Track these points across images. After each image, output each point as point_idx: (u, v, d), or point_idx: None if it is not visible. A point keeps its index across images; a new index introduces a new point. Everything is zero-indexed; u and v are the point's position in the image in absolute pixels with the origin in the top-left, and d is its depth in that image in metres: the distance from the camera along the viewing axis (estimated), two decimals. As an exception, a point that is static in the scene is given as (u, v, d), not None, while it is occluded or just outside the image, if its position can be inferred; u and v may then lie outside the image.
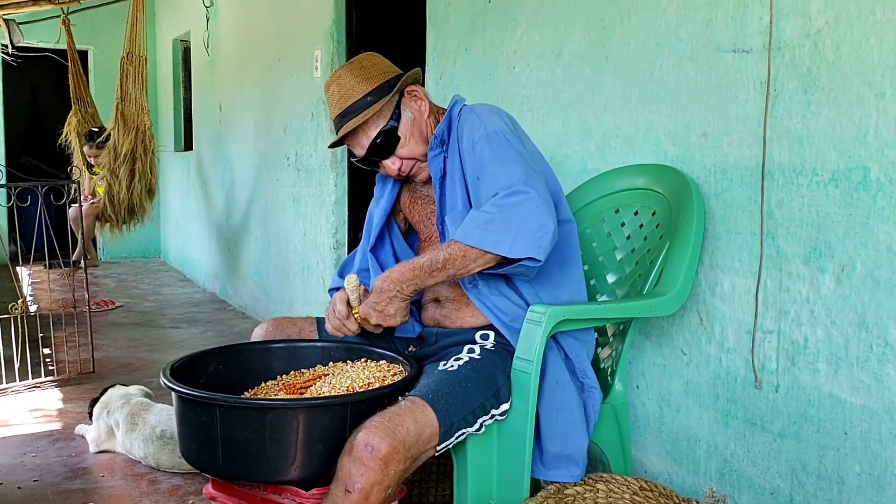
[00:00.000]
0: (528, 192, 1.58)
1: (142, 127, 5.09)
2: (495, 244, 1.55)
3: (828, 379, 1.68)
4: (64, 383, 3.63)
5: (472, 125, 1.74)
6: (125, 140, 5.02)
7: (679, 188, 1.94)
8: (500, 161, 1.66)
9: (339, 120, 1.79)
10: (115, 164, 5.06)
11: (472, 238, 1.57)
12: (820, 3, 1.67)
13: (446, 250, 1.60)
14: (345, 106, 1.77)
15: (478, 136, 1.71)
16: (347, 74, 1.79)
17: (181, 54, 7.49)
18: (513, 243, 1.54)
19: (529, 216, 1.55)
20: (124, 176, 5.07)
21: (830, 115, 1.66)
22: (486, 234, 1.55)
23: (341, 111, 1.78)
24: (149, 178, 5.34)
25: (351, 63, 1.83)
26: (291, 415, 1.45)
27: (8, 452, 2.77)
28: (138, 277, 7.11)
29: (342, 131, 1.78)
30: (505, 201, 1.57)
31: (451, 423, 1.51)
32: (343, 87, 1.78)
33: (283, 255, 4.78)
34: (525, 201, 1.56)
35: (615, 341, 2.00)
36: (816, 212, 1.69)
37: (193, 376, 1.72)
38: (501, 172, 1.64)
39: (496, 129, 1.71)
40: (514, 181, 1.60)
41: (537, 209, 1.56)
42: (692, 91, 1.99)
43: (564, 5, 2.40)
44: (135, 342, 4.57)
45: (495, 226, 1.55)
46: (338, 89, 1.78)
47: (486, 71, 2.79)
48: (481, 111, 1.78)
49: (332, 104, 1.80)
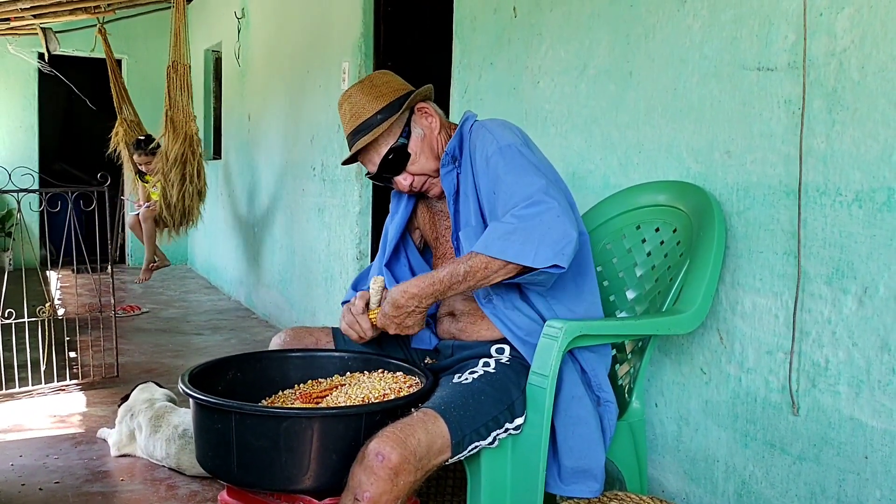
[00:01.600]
0: (549, 201, 1.58)
1: (189, 133, 5.21)
2: (518, 254, 1.55)
3: (849, 402, 1.66)
4: (88, 387, 3.68)
5: (485, 140, 1.75)
6: (175, 146, 5.15)
7: (701, 205, 1.93)
8: (517, 173, 1.66)
9: (351, 138, 1.82)
10: (167, 168, 5.18)
11: (493, 249, 1.57)
12: (846, 22, 1.66)
13: (467, 262, 1.60)
14: (356, 124, 1.79)
15: (491, 150, 1.72)
16: (359, 93, 1.82)
17: (212, 64, 7.60)
18: (536, 253, 1.54)
19: (551, 226, 1.55)
20: (176, 180, 5.21)
21: (855, 134, 1.64)
22: (509, 245, 1.55)
23: (353, 129, 1.80)
24: (197, 182, 5.46)
25: (362, 81, 1.85)
26: (306, 424, 1.46)
27: (32, 454, 2.82)
28: (165, 284, 7.20)
29: (353, 149, 1.81)
30: (525, 212, 1.57)
31: (464, 436, 1.51)
32: (354, 106, 1.80)
33: (306, 265, 4.82)
34: (546, 211, 1.57)
35: (633, 358, 1.99)
36: (839, 232, 1.68)
37: (212, 383, 1.74)
38: (519, 184, 1.64)
39: (509, 143, 1.72)
40: (534, 191, 1.60)
41: (559, 218, 1.56)
42: (716, 108, 1.98)
43: (589, 21, 2.40)
44: (159, 348, 4.62)
45: (517, 236, 1.55)
46: (349, 107, 1.81)
47: (510, 85, 2.80)
48: (492, 126, 1.78)
49: (345, 122, 1.83)
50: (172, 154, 5.17)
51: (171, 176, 5.19)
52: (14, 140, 7.79)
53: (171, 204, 5.28)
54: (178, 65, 5.10)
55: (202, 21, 7.66)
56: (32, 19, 6.65)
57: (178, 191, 5.23)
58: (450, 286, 1.63)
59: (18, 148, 7.79)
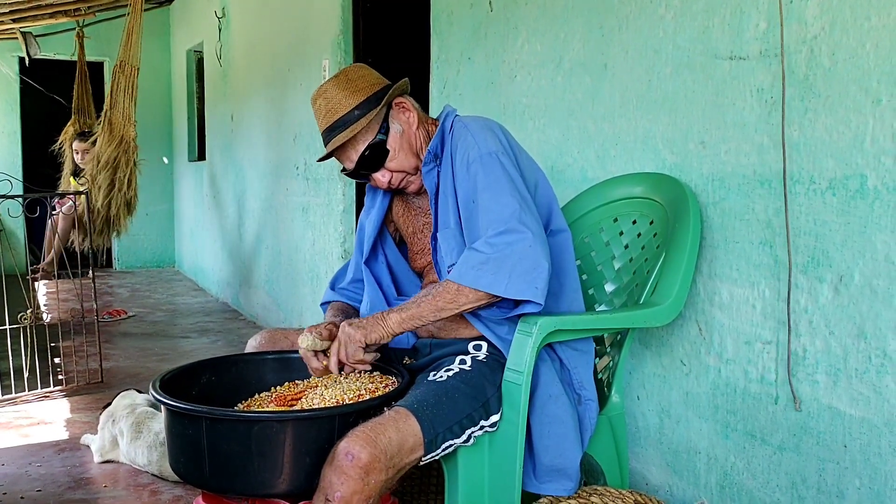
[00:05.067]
0: (522, 230, 1.58)
1: (126, 137, 5.09)
2: (490, 284, 1.57)
3: (827, 390, 1.65)
4: (72, 393, 3.65)
5: (466, 143, 1.73)
6: (108, 148, 5.02)
7: (676, 197, 1.92)
8: (494, 190, 1.65)
9: (326, 134, 1.77)
10: (96, 171, 5.07)
11: (466, 279, 1.59)
12: (815, 8, 1.65)
13: (443, 297, 1.62)
14: (332, 120, 1.75)
15: (473, 156, 1.70)
16: (333, 88, 1.77)
17: (195, 65, 7.55)
18: (508, 283, 1.56)
19: (523, 256, 1.57)
20: (105, 184, 5.05)
21: (827, 122, 1.63)
22: (481, 275, 1.57)
23: (329, 126, 1.76)
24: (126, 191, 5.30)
25: (337, 76, 1.81)
26: (278, 427, 1.44)
27: (14, 462, 2.79)
28: (152, 287, 7.16)
29: (330, 146, 1.77)
30: (498, 240, 1.58)
31: (436, 434, 1.50)
32: (330, 102, 1.76)
33: (292, 265, 4.79)
34: (519, 241, 1.57)
35: (612, 351, 1.98)
36: (814, 220, 1.67)
37: (186, 388, 1.72)
38: (495, 204, 1.63)
39: (490, 151, 1.69)
40: (508, 216, 1.60)
41: (531, 249, 1.57)
42: (690, 99, 1.97)
43: (564, 13, 2.39)
44: (145, 352, 4.59)
45: (489, 266, 1.57)
46: (324, 103, 1.77)
47: (488, 80, 2.79)
48: (474, 127, 1.75)
49: (320, 118, 1.79)
50: (104, 156, 5.03)
51: (99, 179, 5.05)
52: (-5, 145, 7.74)
53: (94, 209, 5.13)
54: (126, 65, 5.00)
55: (184, 22, 7.62)
56: (12, 23, 6.59)
57: (105, 196, 5.08)
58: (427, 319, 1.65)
59: (1, 153, 7.73)
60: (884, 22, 1.52)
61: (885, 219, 1.53)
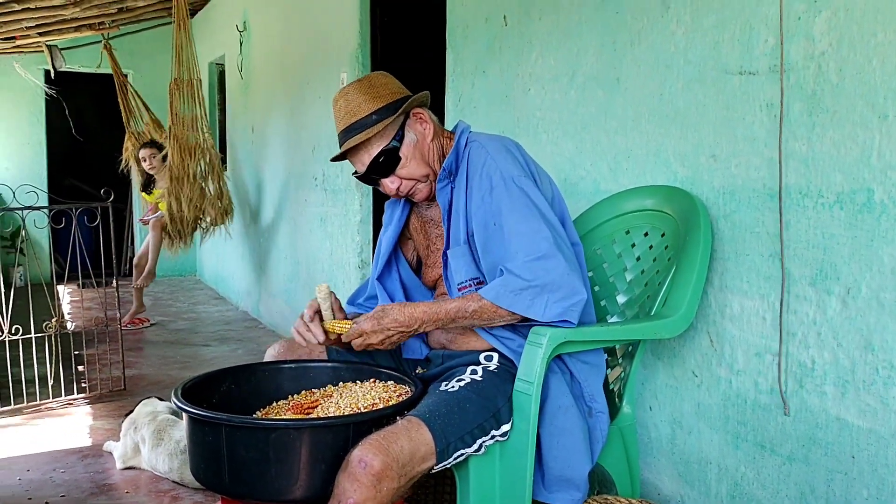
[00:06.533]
0: (557, 257, 1.64)
1: (203, 146, 5.21)
2: (528, 308, 1.64)
3: (835, 402, 1.67)
4: (95, 400, 3.72)
5: (486, 165, 1.76)
6: (179, 162, 5.15)
7: (687, 209, 1.94)
8: (523, 215, 1.69)
9: (343, 135, 1.81)
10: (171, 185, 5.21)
11: (504, 301, 1.64)
12: (823, 25, 1.68)
13: (477, 303, 1.67)
14: (350, 122, 1.79)
15: (496, 181, 1.73)
16: (355, 91, 1.81)
17: (217, 77, 7.66)
18: (546, 309, 1.63)
19: (561, 283, 1.63)
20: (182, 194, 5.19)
21: (835, 137, 1.66)
22: (520, 299, 1.64)
23: (346, 126, 1.80)
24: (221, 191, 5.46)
25: (360, 80, 1.85)
26: (294, 434, 1.48)
27: (39, 468, 2.86)
28: (174, 296, 7.26)
29: (345, 146, 1.81)
30: (536, 266, 1.63)
31: (448, 443, 1.53)
32: (350, 104, 1.80)
33: (311, 274, 4.85)
34: (555, 268, 1.63)
35: (624, 363, 2.01)
36: (822, 234, 1.69)
37: (207, 395, 1.77)
38: (526, 229, 1.68)
39: (512, 175, 1.73)
40: (541, 241, 1.66)
41: (568, 276, 1.64)
42: (701, 113, 1.99)
43: (577, 28, 2.42)
44: (166, 360, 4.66)
45: (529, 292, 1.63)
46: (345, 104, 1.81)
47: (502, 93, 2.83)
48: (491, 147, 1.78)
49: (338, 119, 1.82)
50: (176, 170, 5.18)
51: (175, 191, 5.20)
52: (22, 157, 7.89)
53: (176, 217, 5.28)
54: (182, 81, 5.11)
55: (206, 35, 7.72)
56: (38, 37, 6.74)
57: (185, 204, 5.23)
58: (454, 318, 1.70)
59: (26, 164, 7.89)
60: (890, 38, 1.54)
61: (891, 232, 1.54)
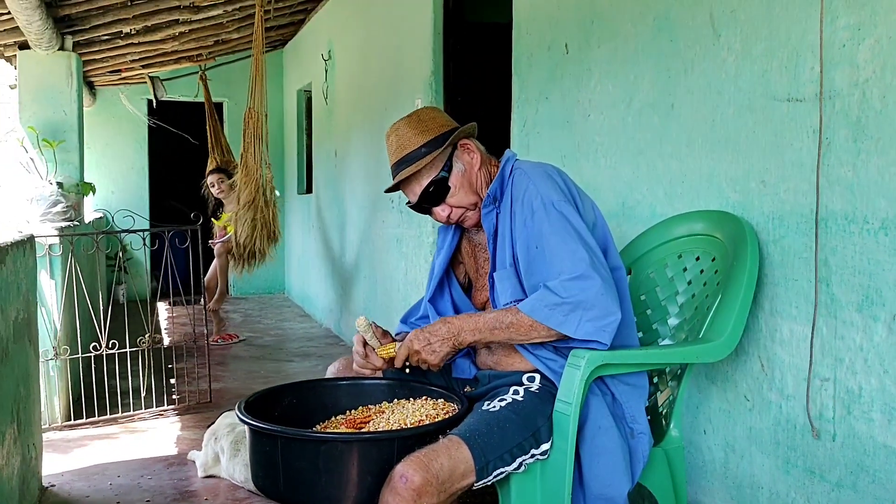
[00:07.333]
0: (594, 277, 1.69)
1: (261, 180, 5.45)
2: (561, 324, 1.70)
3: (882, 429, 1.66)
4: (183, 412, 3.96)
5: (528, 191, 1.83)
6: (246, 189, 5.39)
7: (736, 234, 1.96)
8: (562, 237, 1.75)
9: (395, 168, 1.93)
10: (239, 209, 5.46)
11: (539, 314, 1.71)
12: (867, 52, 1.68)
13: (514, 316, 1.74)
14: (401, 155, 1.91)
15: (536, 205, 1.81)
16: (405, 126, 1.93)
17: (304, 103, 7.98)
18: (578, 326, 1.69)
19: (595, 303, 1.68)
20: (247, 221, 5.43)
21: (879, 163, 1.66)
22: (554, 314, 1.70)
23: (398, 160, 1.92)
24: (271, 227, 5.69)
25: (410, 116, 1.97)
26: (342, 447, 1.59)
27: (128, 474, 3.07)
28: (263, 312, 7.56)
29: (397, 178, 1.93)
30: (572, 285, 1.69)
31: (487, 462, 1.60)
32: (401, 138, 1.92)
33: (387, 293, 5.00)
34: (590, 287, 1.69)
35: (673, 385, 2.03)
36: (868, 259, 1.68)
37: (270, 409, 1.90)
38: (565, 251, 1.74)
39: (552, 200, 1.80)
40: (579, 262, 1.71)
41: (603, 296, 1.68)
42: (751, 139, 2.01)
43: (634, 57, 2.47)
44: (251, 374, 4.89)
45: (562, 308, 1.69)
46: (396, 139, 1.93)
47: (564, 118, 2.89)
48: (534, 174, 1.86)
49: (391, 152, 1.94)
50: (244, 197, 5.41)
51: (242, 216, 5.44)
52: (127, 180, 8.40)
53: (240, 243, 5.51)
54: (253, 111, 5.36)
55: (295, 63, 8.08)
56: (141, 69, 7.21)
57: (249, 232, 5.44)
58: (492, 330, 1.77)
59: (131, 188, 8.39)
60: (931, 65, 1.54)
61: (934, 259, 1.54)
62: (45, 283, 3.58)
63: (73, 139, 4.93)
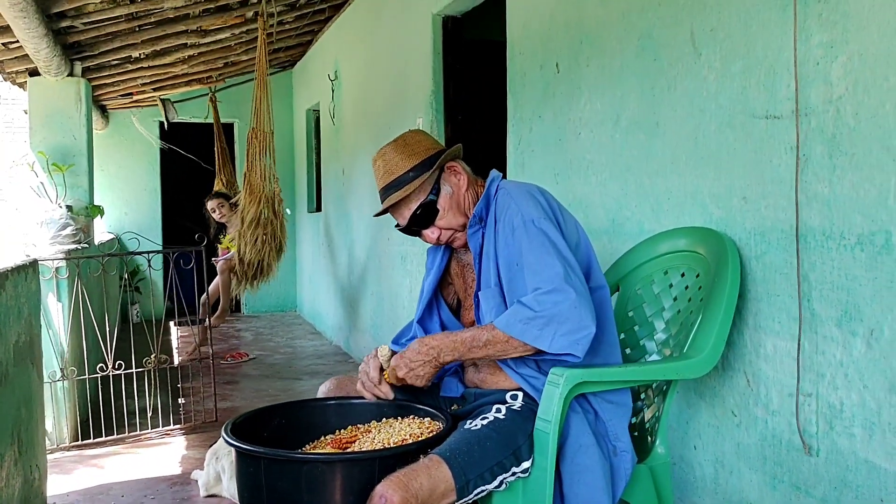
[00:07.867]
0: (568, 290, 1.70)
1: (270, 194, 5.51)
2: (536, 338, 1.70)
3: (863, 444, 1.66)
4: (190, 431, 4.00)
5: (510, 210, 1.86)
6: (251, 207, 5.45)
7: (717, 250, 1.98)
8: (539, 253, 1.77)
9: (383, 192, 1.96)
10: (243, 228, 5.51)
11: (513, 330, 1.72)
12: (840, 70, 1.70)
13: (490, 332, 1.75)
14: (389, 180, 1.93)
15: (517, 223, 1.83)
16: (392, 151, 1.96)
17: (313, 123, 8.06)
18: (552, 340, 1.69)
19: (568, 316, 1.69)
20: (252, 240, 5.49)
21: (854, 179, 1.67)
22: (528, 329, 1.70)
23: (386, 184, 1.94)
24: (280, 240, 5.75)
25: (396, 140, 1.99)
26: (324, 468, 1.61)
27: (132, 493, 3.11)
28: (274, 330, 7.61)
29: (385, 204, 1.95)
30: (546, 299, 1.70)
31: (468, 480, 1.62)
32: (388, 163, 1.94)
33: (393, 310, 5.03)
34: (563, 301, 1.69)
35: (657, 402, 2.04)
36: (846, 275, 1.69)
37: (260, 429, 1.92)
38: (541, 265, 1.75)
39: (532, 218, 1.82)
40: (554, 276, 1.72)
41: (576, 309, 1.69)
42: (732, 155, 2.03)
43: (620, 74, 2.50)
44: (259, 393, 4.92)
45: (536, 322, 1.70)
46: (383, 164, 1.95)
47: (556, 136, 2.92)
48: (517, 193, 1.88)
49: (378, 177, 1.97)
50: (249, 215, 5.47)
51: (247, 235, 5.49)
52: (140, 202, 8.50)
53: (245, 261, 5.57)
54: (258, 131, 5.43)
55: (304, 83, 8.17)
56: (153, 92, 7.33)
57: (254, 249, 5.50)
58: (470, 348, 1.78)
59: (144, 209, 8.49)
60: (900, 82, 1.56)
61: (908, 274, 1.54)
62: (52, 305, 3.64)
63: (83, 163, 5.01)
